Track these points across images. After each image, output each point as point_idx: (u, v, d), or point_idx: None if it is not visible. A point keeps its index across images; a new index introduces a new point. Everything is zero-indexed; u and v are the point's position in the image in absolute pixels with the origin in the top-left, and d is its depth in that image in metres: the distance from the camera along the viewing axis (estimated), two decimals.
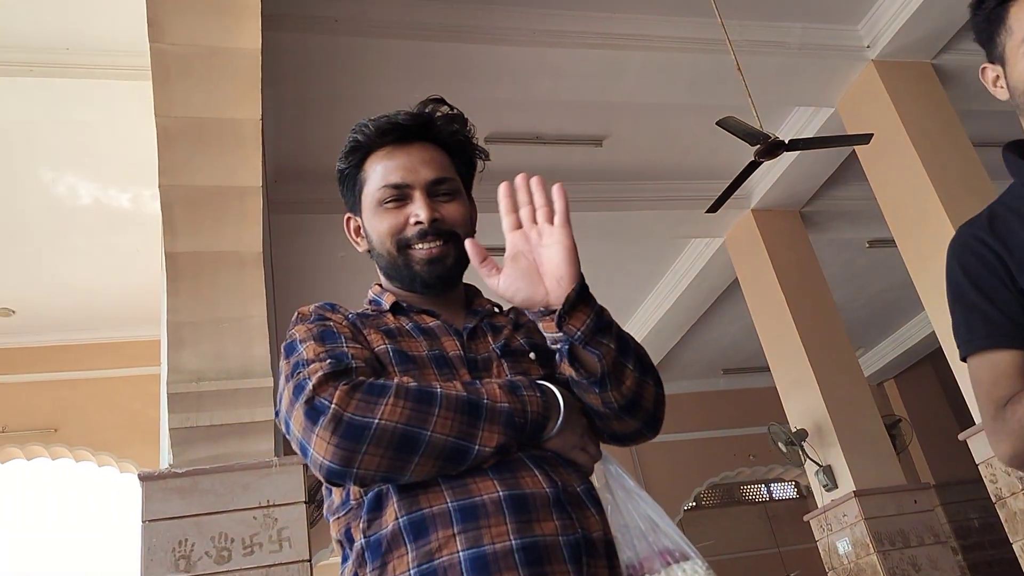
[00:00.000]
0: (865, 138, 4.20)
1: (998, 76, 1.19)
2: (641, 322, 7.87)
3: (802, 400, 5.85)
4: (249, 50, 2.76)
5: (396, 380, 1.03)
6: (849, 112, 5.12)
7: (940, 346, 4.71)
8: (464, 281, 1.28)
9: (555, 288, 1.05)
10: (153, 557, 2.75)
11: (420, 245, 1.19)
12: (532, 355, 1.17)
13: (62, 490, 8.92)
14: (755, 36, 4.69)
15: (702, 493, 10.99)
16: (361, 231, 1.27)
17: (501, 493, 0.99)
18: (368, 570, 1.02)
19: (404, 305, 1.21)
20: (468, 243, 1.11)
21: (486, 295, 1.31)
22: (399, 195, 1.20)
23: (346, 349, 1.07)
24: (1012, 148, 1.22)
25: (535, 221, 1.11)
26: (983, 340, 1.14)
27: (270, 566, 2.81)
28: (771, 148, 3.88)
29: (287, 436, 1.07)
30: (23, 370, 6.18)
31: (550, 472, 1.03)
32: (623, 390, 1.07)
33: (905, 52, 4.82)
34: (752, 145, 3.90)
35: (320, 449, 0.98)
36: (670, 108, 5.27)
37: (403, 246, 1.20)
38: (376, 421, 0.97)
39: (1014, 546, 4.16)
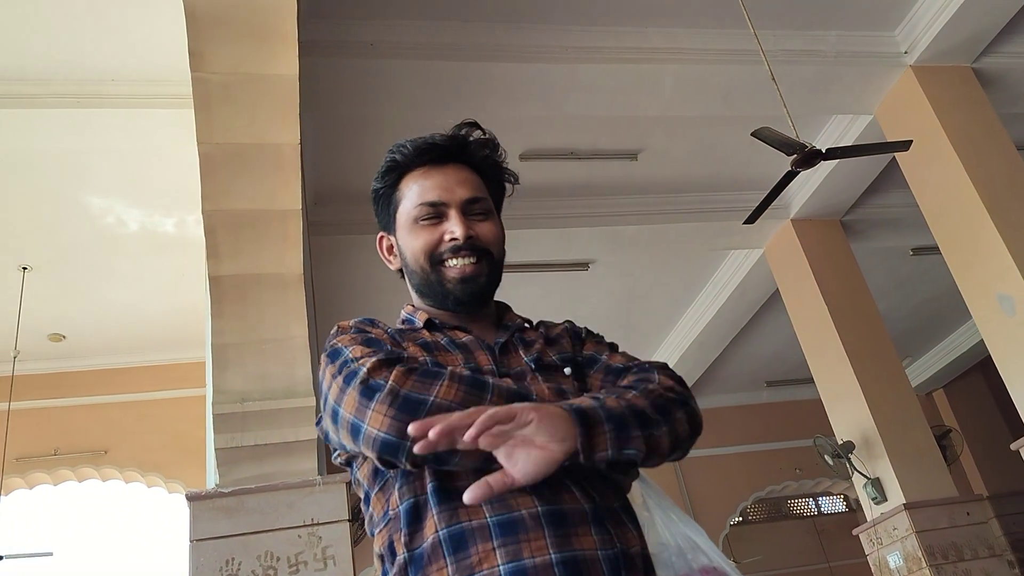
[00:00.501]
0: (905, 144, 4.14)
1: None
2: (682, 335, 7.81)
3: (848, 411, 5.75)
4: (287, 76, 2.82)
5: (450, 368, 1.05)
6: (888, 119, 5.05)
7: (989, 354, 4.60)
8: (495, 299, 1.29)
9: (560, 447, 0.97)
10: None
11: (454, 261, 1.20)
12: (567, 370, 1.18)
13: (113, 511, 9.09)
14: (789, 46, 4.66)
15: (748, 508, 10.82)
16: (394, 249, 1.28)
17: (540, 508, 0.99)
18: (403, 534, 1.03)
19: (437, 322, 1.22)
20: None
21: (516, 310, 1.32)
22: (435, 213, 1.21)
23: (392, 349, 1.10)
24: None
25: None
26: None
27: None
28: (808, 157, 3.84)
29: (333, 427, 1.07)
30: (74, 393, 6.34)
31: (588, 488, 1.03)
32: (662, 451, 1.06)
33: (944, 56, 4.75)
34: (788, 155, 3.86)
35: (376, 422, 0.99)
36: (705, 120, 5.26)
37: (437, 262, 1.21)
38: (432, 399, 0.99)
39: None
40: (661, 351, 8.14)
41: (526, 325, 1.28)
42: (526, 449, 0.94)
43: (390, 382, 1.01)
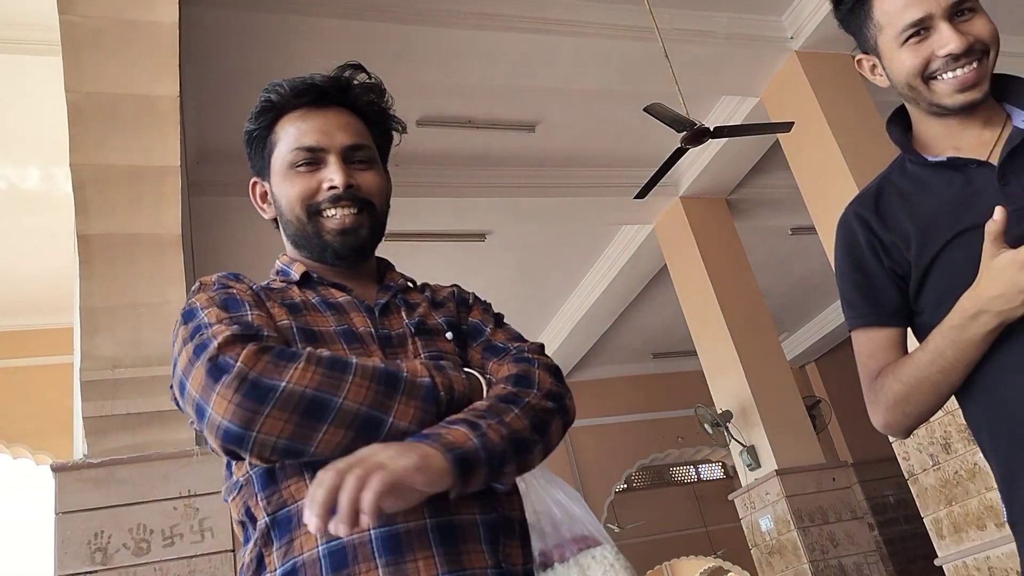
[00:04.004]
0: (787, 126, 4.30)
1: (874, 65, 1.23)
2: (575, 308, 7.94)
3: (727, 383, 6.00)
4: (166, 24, 2.66)
5: (308, 349, 0.98)
6: (773, 101, 5.23)
7: None
8: (377, 255, 1.24)
9: (432, 489, 0.91)
10: (67, 550, 2.66)
11: (332, 212, 1.13)
12: (448, 334, 1.14)
13: None
14: (684, 25, 4.75)
15: (633, 475, 11.17)
16: (268, 197, 1.21)
17: (428, 521, 0.96)
18: (275, 547, 0.98)
19: (314, 276, 1.16)
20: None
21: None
22: (312, 159, 1.14)
23: (251, 318, 1.01)
24: (894, 120, 1.27)
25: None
26: (861, 318, 1.21)
27: (192, 557, 2.74)
28: (697, 135, 3.94)
29: (180, 401, 1.00)
30: None
31: (482, 498, 1.00)
32: (532, 466, 1.04)
33: (826, 43, 4.95)
34: (679, 132, 3.95)
35: (219, 408, 0.91)
36: (602, 95, 5.31)
37: (314, 212, 1.14)
38: (284, 384, 0.92)
39: (925, 520, 4.35)
40: (554, 323, 8.25)
41: (409, 285, 1.23)
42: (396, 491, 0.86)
43: (239, 363, 0.92)
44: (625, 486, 11.52)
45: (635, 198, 4.70)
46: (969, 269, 1.05)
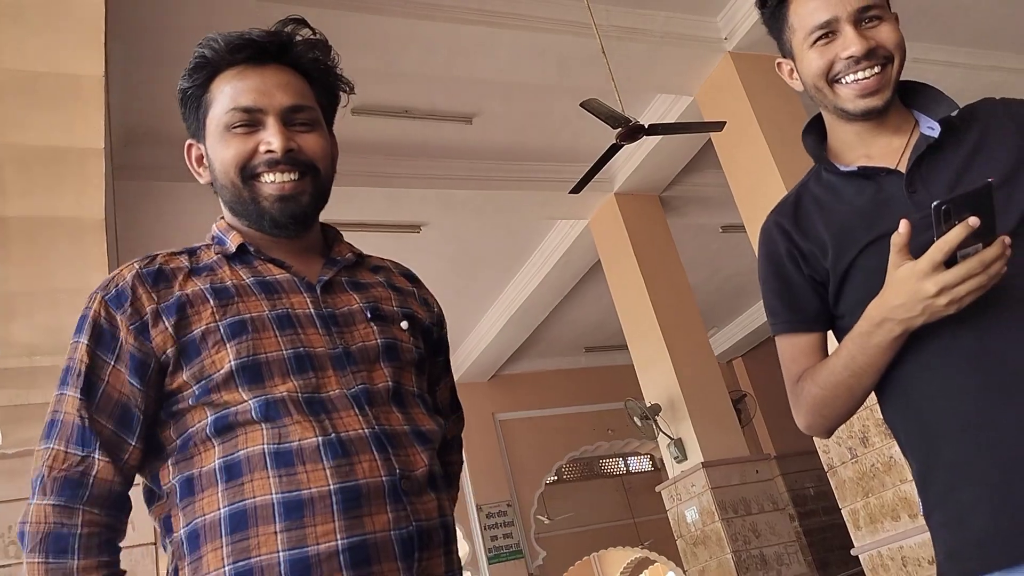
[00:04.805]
0: (719, 125, 4.39)
1: (791, 69, 1.28)
2: (509, 300, 7.96)
3: (657, 377, 6.10)
4: None
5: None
6: (707, 101, 5.34)
7: None
8: (322, 221, 1.17)
9: None
10: None
11: (270, 177, 1.06)
12: (404, 324, 1.11)
13: None
14: (620, 22, 4.80)
15: (563, 467, 11.30)
16: (204, 160, 1.13)
17: (332, 486, 0.93)
18: (187, 563, 0.95)
19: (251, 249, 1.09)
20: None
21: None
22: (249, 120, 1.07)
23: (90, 444, 0.99)
24: (810, 129, 1.31)
25: None
26: (782, 324, 1.26)
27: None
28: (632, 132, 3.99)
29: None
30: None
31: (392, 455, 0.98)
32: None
33: (759, 45, 5.06)
34: (614, 128, 3.99)
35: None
36: (540, 89, 5.32)
37: (249, 176, 1.07)
38: None
39: (842, 511, 4.51)
40: (488, 316, 8.27)
41: (358, 260, 1.17)
42: None
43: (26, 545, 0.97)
44: (556, 477, 11.63)
45: (570, 193, 4.74)
46: (882, 276, 1.08)
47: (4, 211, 2.72)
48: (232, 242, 1.10)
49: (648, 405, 6.09)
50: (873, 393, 1.19)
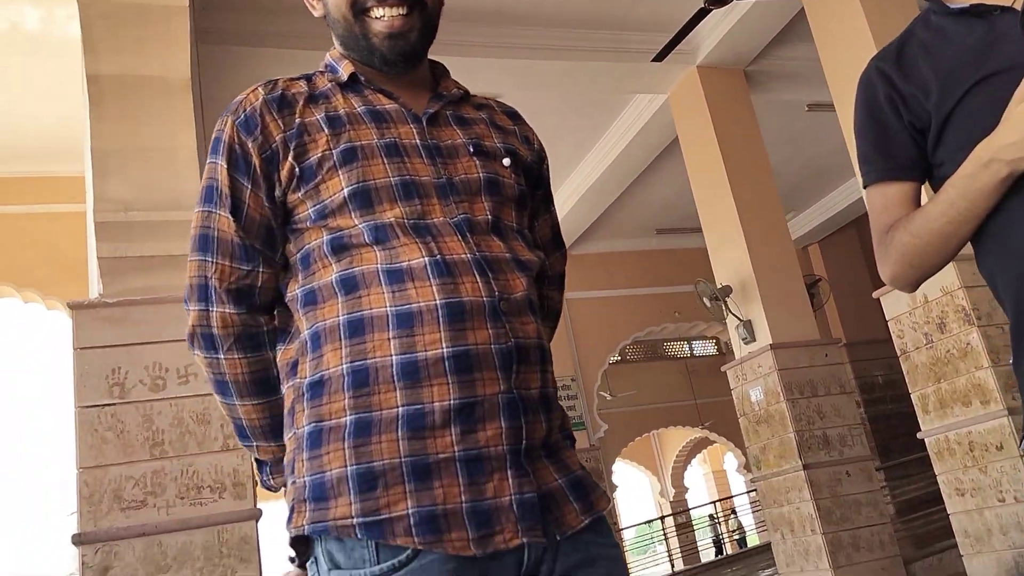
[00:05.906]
0: None
1: None
2: (582, 177, 7.88)
3: (730, 259, 6.04)
4: None
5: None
6: None
7: (865, 212, 4.86)
8: (430, 58, 1.20)
9: None
10: (86, 384, 2.76)
11: (380, 12, 1.09)
12: (507, 161, 1.14)
13: None
14: None
15: (628, 347, 11.43)
16: None
17: (438, 301, 0.99)
18: (308, 359, 1.04)
19: (362, 79, 1.13)
20: None
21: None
22: None
23: (254, 259, 1.09)
24: None
25: None
26: (875, 173, 1.21)
27: (205, 395, 2.85)
28: None
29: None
30: None
31: (492, 279, 1.03)
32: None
33: None
34: None
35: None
36: None
37: (360, 11, 1.10)
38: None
39: (912, 395, 4.49)
40: (560, 193, 8.20)
41: (464, 96, 1.20)
42: None
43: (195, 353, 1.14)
44: (619, 357, 11.80)
45: (653, 60, 4.59)
46: (989, 116, 1.04)
47: (96, 70, 2.79)
48: (344, 71, 1.14)
49: (719, 286, 6.06)
50: (969, 245, 1.16)
